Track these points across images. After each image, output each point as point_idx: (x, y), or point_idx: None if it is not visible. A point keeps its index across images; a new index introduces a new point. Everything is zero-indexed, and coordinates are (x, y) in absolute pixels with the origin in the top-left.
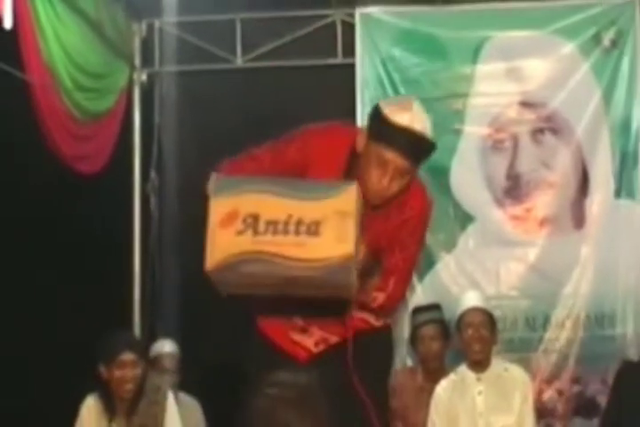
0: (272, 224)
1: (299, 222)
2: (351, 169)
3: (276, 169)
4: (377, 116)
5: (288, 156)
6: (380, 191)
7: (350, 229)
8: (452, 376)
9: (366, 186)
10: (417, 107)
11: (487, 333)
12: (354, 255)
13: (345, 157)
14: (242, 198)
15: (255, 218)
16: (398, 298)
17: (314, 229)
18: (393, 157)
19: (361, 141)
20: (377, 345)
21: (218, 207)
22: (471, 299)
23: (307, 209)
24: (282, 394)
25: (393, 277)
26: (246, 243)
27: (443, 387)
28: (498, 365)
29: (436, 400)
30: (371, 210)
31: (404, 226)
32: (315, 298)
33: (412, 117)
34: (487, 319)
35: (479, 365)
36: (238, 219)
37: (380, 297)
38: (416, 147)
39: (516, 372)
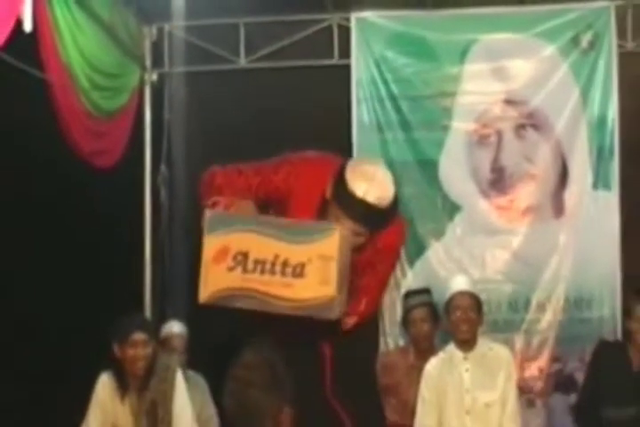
0: (260, 263)
1: (285, 264)
2: (325, 209)
3: (262, 192)
4: (341, 177)
5: (274, 183)
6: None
7: (332, 272)
8: (440, 355)
9: None
10: (380, 174)
11: (474, 315)
12: (336, 296)
13: (321, 195)
14: (233, 236)
15: (245, 256)
16: (369, 317)
17: (299, 270)
18: (346, 221)
19: (328, 192)
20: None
21: (211, 244)
22: (459, 283)
23: (293, 251)
24: (249, 376)
25: (365, 298)
26: (236, 279)
27: (432, 364)
28: (483, 344)
29: (426, 377)
30: None
31: (377, 254)
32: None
33: (369, 188)
34: (474, 302)
35: (466, 344)
36: (229, 255)
37: (351, 321)
38: (368, 217)
39: (501, 351)
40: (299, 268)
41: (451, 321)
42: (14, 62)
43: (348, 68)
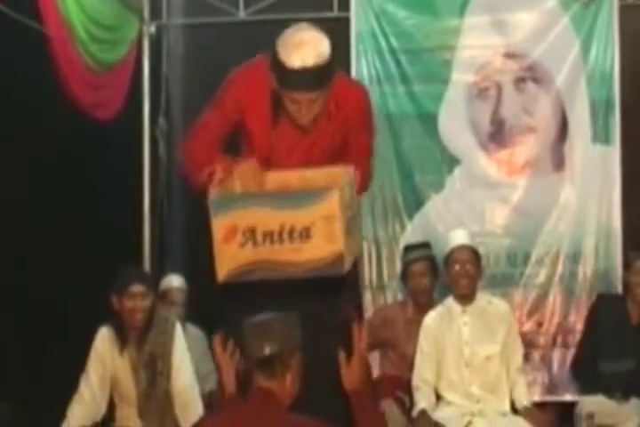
0: (268, 234)
1: (291, 230)
2: (276, 98)
3: (223, 127)
4: (275, 57)
5: (228, 110)
6: (302, 119)
7: (338, 229)
8: (439, 308)
9: (289, 115)
10: (306, 36)
11: (473, 268)
12: (344, 252)
13: (269, 93)
14: (238, 215)
15: (252, 231)
16: (366, 188)
17: (305, 234)
18: (299, 94)
19: (272, 82)
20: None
21: (218, 225)
22: (458, 237)
23: (297, 218)
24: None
25: (358, 172)
26: (249, 254)
27: (431, 317)
28: (482, 298)
29: (424, 329)
30: (309, 126)
31: (348, 121)
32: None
33: (303, 55)
34: (473, 256)
35: (465, 298)
36: (238, 233)
37: None
38: (315, 78)
39: (501, 305)
40: (304, 232)
41: (450, 275)
42: (13, 15)
43: (347, 20)
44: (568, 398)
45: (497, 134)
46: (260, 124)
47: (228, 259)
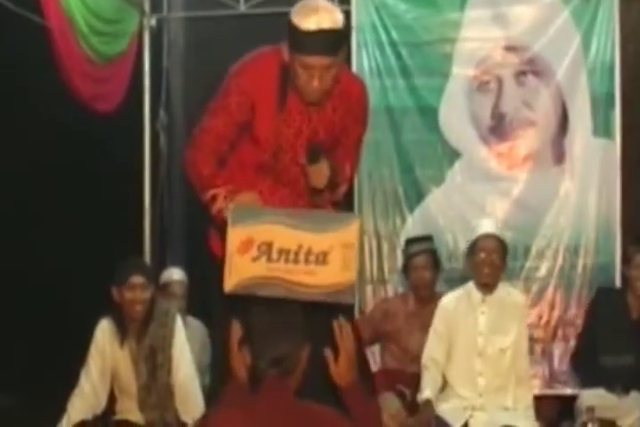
0: (284, 253)
1: (308, 252)
2: (284, 82)
3: (233, 128)
4: (289, 27)
5: (233, 110)
6: (314, 92)
7: (353, 258)
8: (459, 291)
9: (300, 88)
10: (322, 5)
11: (498, 258)
12: (355, 280)
13: (276, 76)
14: (257, 228)
15: (269, 246)
16: (352, 179)
17: (322, 258)
18: (313, 60)
19: (285, 54)
20: None
21: (235, 235)
22: (486, 225)
23: (315, 240)
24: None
25: (348, 163)
26: (261, 269)
27: (448, 298)
28: (503, 288)
29: (440, 309)
30: (314, 105)
31: (349, 113)
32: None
33: (319, 18)
34: (499, 246)
35: (487, 287)
36: (253, 246)
37: (342, 190)
38: (331, 42)
39: (518, 296)
40: (321, 256)
41: (474, 263)
42: (14, 8)
43: (348, 14)
44: (568, 391)
45: (497, 128)
46: (268, 116)
47: (239, 271)
